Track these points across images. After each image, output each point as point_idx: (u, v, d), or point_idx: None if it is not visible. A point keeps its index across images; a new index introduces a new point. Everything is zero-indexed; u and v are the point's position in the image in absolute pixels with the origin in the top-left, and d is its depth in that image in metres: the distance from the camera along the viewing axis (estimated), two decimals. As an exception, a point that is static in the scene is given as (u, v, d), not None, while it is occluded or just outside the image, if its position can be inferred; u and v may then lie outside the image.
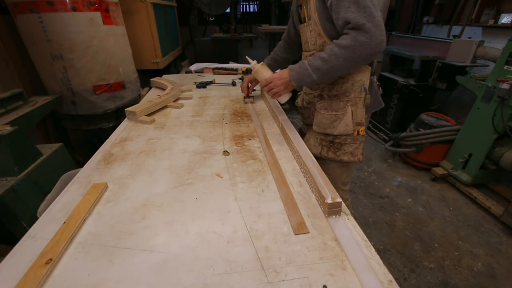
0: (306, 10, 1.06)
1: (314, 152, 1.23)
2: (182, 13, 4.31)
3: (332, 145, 1.18)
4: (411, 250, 1.82)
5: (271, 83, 1.05)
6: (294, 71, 1.01)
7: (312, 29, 1.06)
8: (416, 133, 2.62)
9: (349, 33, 0.88)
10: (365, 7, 0.84)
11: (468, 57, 2.64)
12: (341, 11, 0.87)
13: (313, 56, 0.98)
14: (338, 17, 0.89)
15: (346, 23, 0.87)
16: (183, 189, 0.80)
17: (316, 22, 1.02)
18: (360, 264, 0.55)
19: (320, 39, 1.05)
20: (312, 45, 1.10)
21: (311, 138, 1.26)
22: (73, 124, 2.19)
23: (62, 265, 0.56)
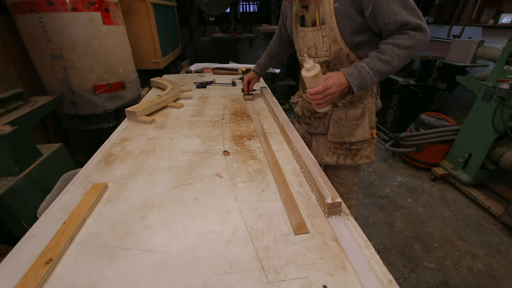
0: (318, 13, 0.97)
1: (329, 161, 1.21)
2: (182, 13, 4.31)
3: (349, 152, 1.17)
4: (411, 250, 1.82)
5: (328, 90, 0.88)
6: (354, 76, 0.90)
7: (326, 34, 0.98)
8: (416, 133, 2.62)
9: (407, 33, 0.87)
10: (413, 9, 0.86)
11: (468, 57, 2.64)
12: (392, 16, 0.85)
13: (370, 59, 0.91)
14: (388, 22, 0.87)
15: (403, 25, 0.86)
16: (183, 189, 0.80)
17: (333, 27, 0.95)
18: (360, 264, 0.55)
19: (336, 46, 0.99)
20: (323, 51, 1.03)
21: (320, 147, 1.23)
22: (73, 124, 2.19)
23: (62, 265, 0.56)
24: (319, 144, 1.23)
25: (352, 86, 0.90)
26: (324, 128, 1.20)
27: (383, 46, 0.91)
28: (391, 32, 0.90)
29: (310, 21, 1.02)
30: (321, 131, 1.22)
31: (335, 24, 0.95)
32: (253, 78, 1.56)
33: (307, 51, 1.09)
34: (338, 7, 0.92)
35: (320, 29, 0.99)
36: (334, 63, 1.04)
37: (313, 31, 1.02)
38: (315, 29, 1.01)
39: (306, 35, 1.06)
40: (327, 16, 0.95)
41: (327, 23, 0.96)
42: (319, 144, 1.24)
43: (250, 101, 1.58)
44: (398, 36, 0.88)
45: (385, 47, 0.90)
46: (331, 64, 1.05)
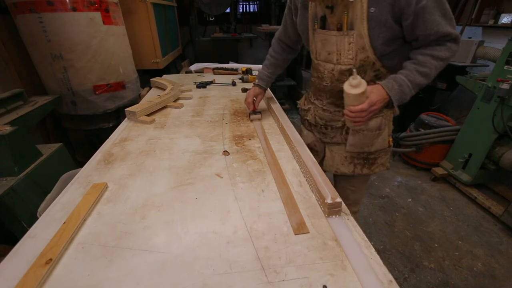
0: (346, 17, 0.87)
1: (345, 171, 1.15)
2: (182, 13, 4.31)
3: (367, 161, 1.12)
4: (411, 250, 1.82)
5: (373, 107, 0.82)
6: (395, 90, 0.84)
7: (354, 41, 0.89)
8: (416, 133, 2.62)
9: (445, 45, 0.84)
10: (452, 19, 0.82)
11: (468, 57, 2.64)
12: (434, 27, 0.80)
13: (408, 71, 0.86)
14: (429, 33, 0.82)
15: (444, 36, 0.82)
16: (183, 189, 0.80)
17: (363, 34, 0.86)
18: (360, 264, 0.55)
19: (363, 54, 0.90)
20: (347, 59, 0.94)
21: (335, 157, 1.16)
22: (73, 124, 2.19)
23: (62, 265, 0.56)
24: (334, 154, 1.16)
25: (393, 101, 0.85)
26: (341, 138, 1.12)
27: (421, 58, 0.86)
28: (429, 42, 0.85)
29: (335, 25, 0.92)
30: (337, 140, 1.14)
31: (366, 31, 0.85)
32: (258, 94, 1.31)
33: (326, 56, 0.99)
34: (374, 13, 0.82)
35: (347, 34, 0.89)
36: (358, 72, 0.94)
37: (338, 35, 0.91)
38: (340, 34, 0.91)
39: (328, 39, 0.95)
40: (358, 21, 0.85)
41: (357, 29, 0.87)
42: (334, 153, 1.17)
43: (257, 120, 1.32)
44: (436, 47, 0.84)
45: (423, 58, 0.85)
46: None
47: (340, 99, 1.02)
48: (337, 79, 1.00)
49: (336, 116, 1.10)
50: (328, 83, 1.03)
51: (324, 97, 1.10)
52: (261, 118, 1.32)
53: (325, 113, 1.12)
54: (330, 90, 1.05)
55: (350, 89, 0.79)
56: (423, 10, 0.78)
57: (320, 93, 1.12)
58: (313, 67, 1.10)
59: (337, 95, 1.04)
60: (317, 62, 1.05)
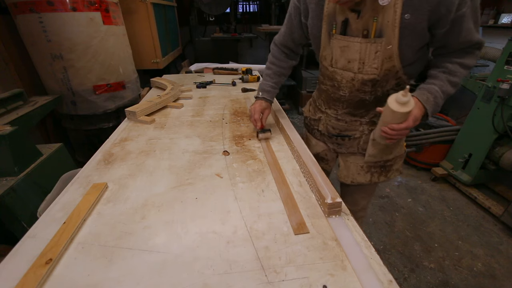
0: (375, 23, 0.78)
1: (361, 181, 1.09)
2: (182, 13, 4.31)
3: (384, 169, 1.08)
4: (411, 250, 1.82)
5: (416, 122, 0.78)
6: (430, 103, 0.80)
7: (381, 49, 0.80)
8: (416, 133, 2.62)
9: (473, 52, 0.82)
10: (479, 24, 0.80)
11: (468, 57, 2.64)
12: (467, 35, 0.77)
13: (441, 82, 0.82)
14: (462, 41, 0.79)
15: (473, 45, 0.80)
16: (183, 189, 0.80)
17: (393, 42, 0.78)
18: (360, 264, 0.55)
19: (389, 63, 0.82)
20: (371, 68, 0.85)
21: (351, 166, 1.10)
22: (73, 124, 2.19)
23: (62, 265, 0.56)
24: (349, 164, 1.10)
25: (429, 113, 0.81)
26: (358, 147, 1.06)
27: (451, 67, 0.82)
28: (457, 49, 0.82)
29: (360, 31, 0.82)
30: (354, 150, 1.08)
31: (396, 39, 0.77)
32: (265, 108, 1.14)
33: (346, 64, 0.89)
34: (409, 19, 0.73)
35: (375, 42, 0.80)
36: (381, 82, 0.88)
37: (363, 43, 0.82)
38: (366, 41, 0.81)
39: (350, 46, 0.85)
40: (388, 29, 0.77)
41: (386, 36, 0.78)
42: (348, 163, 1.11)
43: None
44: (464, 55, 0.82)
45: (453, 67, 0.82)
46: (377, 83, 0.89)
47: (358, 109, 0.98)
48: (357, 89, 0.92)
49: (353, 126, 1.03)
50: (346, 93, 0.95)
51: (340, 107, 1.01)
52: (272, 137, 1.13)
53: (340, 122, 1.04)
54: (347, 100, 0.97)
55: (399, 107, 0.72)
56: (461, 19, 0.73)
57: (334, 103, 1.02)
58: (326, 74, 0.99)
59: (355, 105, 0.97)
60: (332, 70, 0.94)
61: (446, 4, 0.70)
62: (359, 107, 0.97)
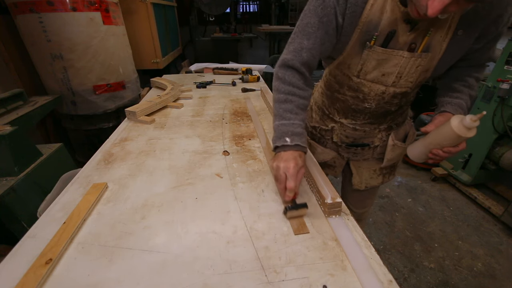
0: (428, 37, 0.70)
1: (374, 184, 1.10)
2: (182, 13, 4.31)
3: (393, 169, 1.13)
4: (411, 250, 1.82)
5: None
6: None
7: (423, 64, 0.75)
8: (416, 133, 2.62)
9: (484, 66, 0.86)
10: None
11: (468, 57, 2.64)
12: (491, 53, 0.80)
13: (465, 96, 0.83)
14: (485, 57, 0.81)
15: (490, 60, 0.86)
16: (183, 189, 0.80)
17: (437, 58, 0.74)
18: (360, 264, 0.55)
19: (424, 75, 0.79)
20: (407, 82, 0.80)
21: (364, 172, 1.09)
22: (73, 124, 2.19)
23: (62, 265, 0.56)
24: (362, 170, 1.09)
25: None
26: (375, 154, 1.05)
27: (470, 81, 0.83)
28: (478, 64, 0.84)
29: (408, 44, 0.73)
30: (368, 157, 1.07)
31: (441, 54, 0.73)
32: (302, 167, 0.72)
33: (379, 77, 0.80)
34: (461, 36, 0.70)
35: (420, 57, 0.73)
36: (411, 93, 0.86)
37: (409, 57, 0.73)
38: (411, 56, 0.73)
39: (390, 59, 0.75)
40: (438, 44, 0.71)
41: (434, 51, 0.73)
42: (361, 169, 1.09)
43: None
44: (480, 69, 0.84)
45: (472, 82, 0.83)
46: (407, 95, 0.86)
47: (379, 118, 0.95)
48: (385, 102, 0.87)
49: (371, 133, 0.99)
50: (372, 105, 0.88)
51: (361, 118, 0.95)
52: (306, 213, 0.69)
53: (357, 132, 0.99)
54: (372, 112, 0.92)
55: (465, 132, 0.67)
56: (498, 37, 0.74)
57: (355, 114, 0.95)
58: (346, 84, 0.88)
59: (378, 115, 0.93)
60: (358, 81, 0.84)
61: (498, 22, 0.68)
62: (381, 116, 0.95)
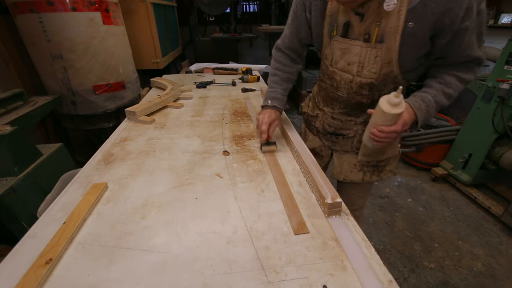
0: (378, 28, 0.77)
1: (353, 179, 1.11)
2: (182, 13, 4.31)
3: (376, 169, 1.08)
4: (411, 250, 1.82)
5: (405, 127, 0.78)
6: (422, 110, 0.80)
7: (381, 55, 0.80)
8: (416, 133, 2.62)
9: (471, 67, 0.82)
10: (483, 41, 0.78)
11: (468, 57, 2.64)
12: (467, 49, 0.76)
13: (435, 91, 0.82)
14: (461, 55, 0.78)
15: (473, 60, 0.80)
16: (183, 189, 0.80)
17: (393, 49, 0.77)
18: (360, 264, 0.55)
19: (388, 68, 0.82)
20: (370, 72, 0.85)
21: (344, 164, 1.11)
22: (73, 124, 2.19)
23: (62, 265, 0.56)
24: (343, 161, 1.11)
25: (419, 121, 0.81)
26: (352, 146, 1.07)
27: (447, 78, 0.82)
28: (457, 63, 0.82)
29: (362, 35, 0.81)
30: (347, 149, 1.09)
31: (397, 46, 0.76)
32: (275, 119, 1.02)
33: (345, 66, 0.89)
34: (412, 28, 0.72)
35: (375, 47, 0.80)
36: (378, 86, 0.89)
37: (364, 47, 0.81)
38: (367, 46, 0.81)
39: (350, 48, 0.85)
40: (390, 34, 0.76)
41: (387, 42, 0.77)
42: (342, 161, 1.12)
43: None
44: (462, 69, 0.81)
45: (449, 79, 0.82)
46: (374, 87, 0.89)
47: (354, 110, 0.98)
48: (355, 92, 0.92)
49: (347, 125, 1.03)
50: (344, 94, 0.95)
51: (337, 106, 1.01)
52: (277, 150, 1.01)
53: (335, 121, 1.05)
54: (345, 101, 0.97)
55: (390, 108, 0.70)
56: (464, 31, 0.72)
57: (332, 102, 1.03)
58: (326, 73, 0.99)
59: (352, 106, 0.98)
60: (332, 70, 0.94)
61: (450, 16, 0.69)
62: (356, 108, 0.98)
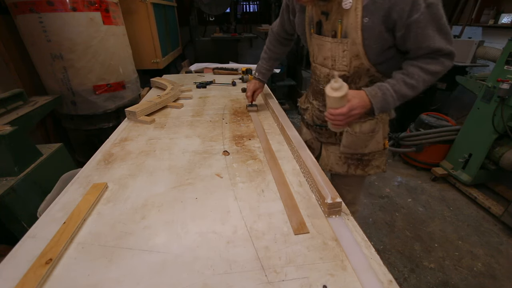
0: (341, 25, 0.86)
1: (338, 171, 1.16)
2: (182, 13, 4.30)
3: (360, 162, 1.12)
4: (411, 250, 1.82)
5: (352, 111, 0.83)
6: (378, 98, 0.85)
7: (348, 48, 0.89)
8: (416, 133, 2.62)
9: (437, 59, 0.83)
10: (447, 33, 0.81)
11: (468, 57, 2.64)
12: (425, 41, 0.80)
13: (395, 80, 0.86)
14: (420, 47, 0.81)
15: (435, 51, 0.82)
16: (183, 189, 0.80)
17: (357, 42, 0.85)
18: (360, 264, 0.55)
19: (357, 61, 0.90)
20: (342, 66, 0.94)
21: (331, 156, 1.17)
22: (73, 124, 2.19)
23: (62, 265, 0.56)
24: (329, 153, 1.17)
25: (375, 109, 0.86)
26: (336, 138, 1.14)
27: (410, 69, 0.85)
28: (420, 55, 0.85)
29: (330, 31, 0.91)
30: (332, 141, 1.16)
31: (360, 40, 0.85)
32: (258, 88, 1.39)
33: (322, 61, 1.00)
34: (367, 23, 0.81)
35: (341, 42, 0.89)
36: (353, 78, 0.96)
37: (332, 42, 0.92)
38: (334, 41, 0.91)
39: (323, 44, 0.96)
40: (352, 30, 0.84)
41: (351, 37, 0.86)
42: (329, 153, 1.18)
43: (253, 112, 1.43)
44: (427, 60, 0.84)
45: (412, 70, 0.85)
46: (349, 79, 0.96)
47: None
48: None
49: None
50: (323, 87, 1.01)
51: (321, 99, 1.10)
52: (257, 110, 1.43)
53: (322, 114, 1.11)
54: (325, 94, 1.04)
55: (331, 92, 0.78)
56: (415, 24, 0.77)
57: (317, 95, 1.12)
58: (312, 69, 1.11)
59: None
60: (314, 65, 1.06)
61: (397, 11, 0.76)
62: None
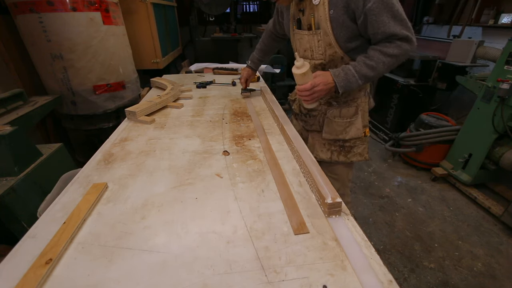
0: (313, 18, 1.01)
1: (323, 157, 1.24)
2: (182, 13, 4.31)
3: (343, 149, 1.21)
4: (411, 250, 1.82)
5: (315, 88, 0.96)
6: (340, 77, 0.97)
7: (321, 38, 1.02)
8: (416, 133, 2.62)
9: (395, 43, 0.92)
10: (402, 20, 0.90)
11: (468, 57, 2.64)
12: (381, 27, 0.89)
13: (357, 62, 0.97)
14: (377, 32, 0.91)
15: (391, 36, 0.91)
16: (183, 189, 0.80)
17: (328, 32, 0.99)
18: (360, 264, 0.55)
19: (331, 49, 1.03)
20: (318, 54, 1.07)
21: (316, 143, 1.27)
22: (73, 124, 2.19)
23: (62, 265, 0.56)
24: (315, 141, 1.28)
25: (338, 86, 0.97)
26: (319, 125, 1.24)
27: (371, 52, 0.96)
28: (379, 41, 0.95)
29: (306, 25, 1.06)
30: (316, 128, 1.26)
31: (330, 30, 0.98)
32: (250, 75, 1.60)
33: (303, 53, 1.13)
34: (333, 14, 0.94)
35: (316, 33, 1.03)
36: (329, 66, 1.08)
37: (309, 34, 1.05)
38: (310, 33, 1.05)
39: (302, 37, 1.09)
40: (322, 22, 0.98)
41: (322, 28, 0.99)
42: (314, 140, 1.28)
43: (248, 99, 1.61)
44: (386, 44, 0.93)
45: (372, 53, 0.95)
46: (326, 67, 1.08)
47: None
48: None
49: None
50: None
51: None
52: (250, 96, 1.65)
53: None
54: None
55: (295, 70, 0.94)
56: (370, 12, 0.87)
57: None
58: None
59: None
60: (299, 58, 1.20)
61: (354, 1, 0.89)
62: None
